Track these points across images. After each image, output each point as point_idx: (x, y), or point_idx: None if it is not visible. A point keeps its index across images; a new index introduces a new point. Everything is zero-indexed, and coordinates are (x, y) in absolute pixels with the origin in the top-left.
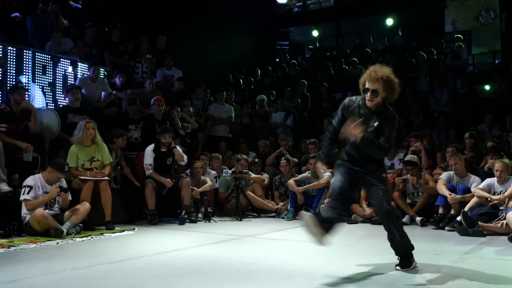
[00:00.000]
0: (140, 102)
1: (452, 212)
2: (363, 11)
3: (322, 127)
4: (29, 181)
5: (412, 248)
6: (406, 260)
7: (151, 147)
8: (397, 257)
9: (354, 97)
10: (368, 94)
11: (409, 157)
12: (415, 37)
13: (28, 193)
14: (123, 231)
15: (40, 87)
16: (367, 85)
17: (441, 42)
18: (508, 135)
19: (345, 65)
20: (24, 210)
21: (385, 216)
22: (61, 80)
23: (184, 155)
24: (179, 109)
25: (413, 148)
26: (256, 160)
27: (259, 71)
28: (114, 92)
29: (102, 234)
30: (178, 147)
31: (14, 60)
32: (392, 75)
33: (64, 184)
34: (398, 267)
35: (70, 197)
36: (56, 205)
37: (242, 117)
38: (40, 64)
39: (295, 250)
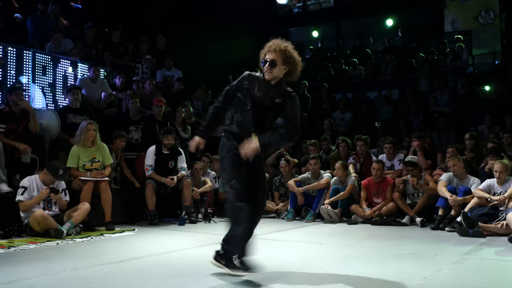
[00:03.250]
0: (140, 103)
1: (452, 212)
2: (363, 12)
3: (322, 128)
4: (24, 182)
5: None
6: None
7: (152, 148)
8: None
9: (248, 75)
10: (266, 65)
11: (409, 157)
12: (415, 38)
13: (22, 194)
14: (123, 231)
15: (40, 87)
16: (266, 57)
17: (443, 43)
18: (502, 135)
19: (345, 66)
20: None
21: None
22: (61, 80)
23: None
24: (183, 110)
25: (414, 145)
26: None
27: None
28: (114, 92)
29: (102, 234)
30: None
31: (14, 61)
32: (293, 49)
33: (61, 185)
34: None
35: (67, 198)
36: (55, 206)
37: None
38: (40, 64)
39: (295, 251)
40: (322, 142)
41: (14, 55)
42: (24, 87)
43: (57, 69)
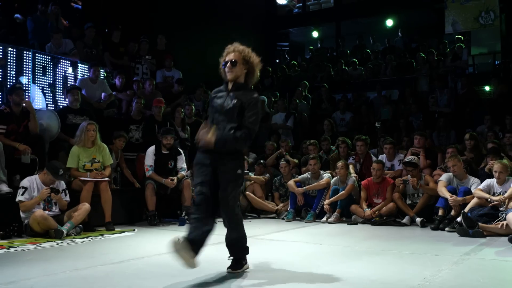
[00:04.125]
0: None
1: (452, 213)
2: (363, 12)
3: (322, 128)
4: (24, 182)
5: (247, 250)
6: (238, 262)
7: (152, 148)
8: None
9: (211, 93)
10: (228, 65)
11: (409, 158)
12: (415, 38)
13: (22, 195)
14: (123, 232)
15: (40, 88)
16: (226, 59)
17: (444, 43)
18: (504, 136)
19: (345, 66)
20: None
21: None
22: (61, 81)
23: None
24: (182, 110)
25: (414, 150)
26: (262, 161)
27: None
28: (114, 93)
29: (102, 235)
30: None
31: (14, 61)
32: (251, 51)
33: (61, 185)
34: (229, 269)
35: (68, 198)
36: (55, 207)
37: None
38: (40, 65)
39: (295, 251)
40: (322, 143)
41: (14, 56)
42: (24, 88)
43: (57, 70)
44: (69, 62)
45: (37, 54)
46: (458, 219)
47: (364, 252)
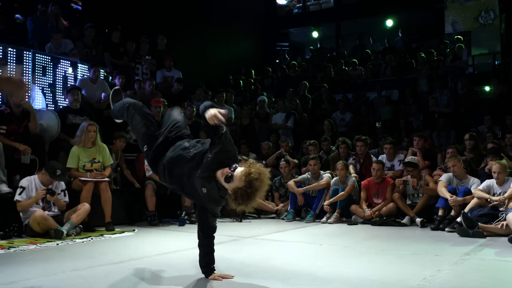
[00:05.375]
0: None
1: (452, 213)
2: (363, 12)
3: (322, 128)
4: (23, 182)
5: None
6: None
7: None
8: None
9: None
10: (227, 173)
11: (409, 158)
12: (415, 38)
13: (20, 194)
14: (123, 232)
15: (40, 88)
16: (233, 164)
17: (444, 43)
18: (504, 136)
19: (345, 66)
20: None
21: None
22: (61, 81)
23: None
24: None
25: (414, 149)
26: (263, 162)
27: (253, 71)
28: None
29: (102, 235)
30: None
31: (14, 61)
32: (259, 178)
33: (61, 186)
34: None
35: (67, 199)
36: (54, 207)
37: (242, 118)
38: (40, 65)
39: (295, 251)
40: (322, 143)
41: (14, 56)
42: None
43: (57, 70)
44: (69, 62)
45: (37, 54)
46: (458, 219)
47: (364, 252)
